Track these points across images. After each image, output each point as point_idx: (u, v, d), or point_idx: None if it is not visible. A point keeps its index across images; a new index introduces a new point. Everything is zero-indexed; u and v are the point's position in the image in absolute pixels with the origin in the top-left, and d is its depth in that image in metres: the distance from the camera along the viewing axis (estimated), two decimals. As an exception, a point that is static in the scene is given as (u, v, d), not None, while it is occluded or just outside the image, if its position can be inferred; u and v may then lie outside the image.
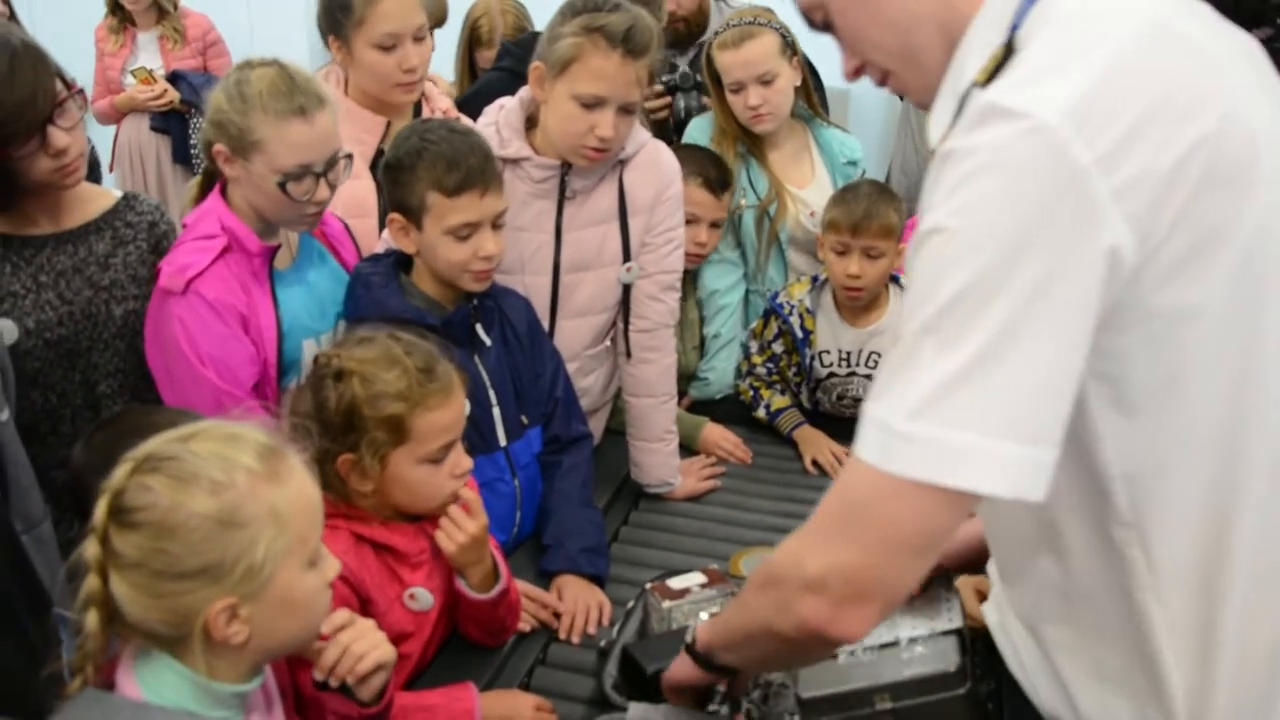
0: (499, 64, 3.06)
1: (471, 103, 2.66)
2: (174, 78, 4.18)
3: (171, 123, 4.21)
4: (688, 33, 3.16)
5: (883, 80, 1.17)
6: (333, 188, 1.89)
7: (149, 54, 4.28)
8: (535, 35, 2.27)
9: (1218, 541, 1.03)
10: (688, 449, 2.49)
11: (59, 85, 1.78)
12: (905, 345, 0.94)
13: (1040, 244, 0.89)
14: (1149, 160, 0.90)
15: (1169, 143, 0.91)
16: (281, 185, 1.82)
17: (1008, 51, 0.99)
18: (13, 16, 4.14)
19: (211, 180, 1.94)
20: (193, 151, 4.21)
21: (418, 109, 2.51)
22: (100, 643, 1.15)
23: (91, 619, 1.15)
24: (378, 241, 2.27)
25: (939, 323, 0.92)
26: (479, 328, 2.00)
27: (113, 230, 1.97)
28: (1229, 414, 0.99)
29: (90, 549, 1.14)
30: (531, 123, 2.18)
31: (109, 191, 2.06)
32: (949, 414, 0.91)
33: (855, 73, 1.19)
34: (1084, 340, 0.92)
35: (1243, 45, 1.09)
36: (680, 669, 1.40)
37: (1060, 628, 1.16)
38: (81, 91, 1.84)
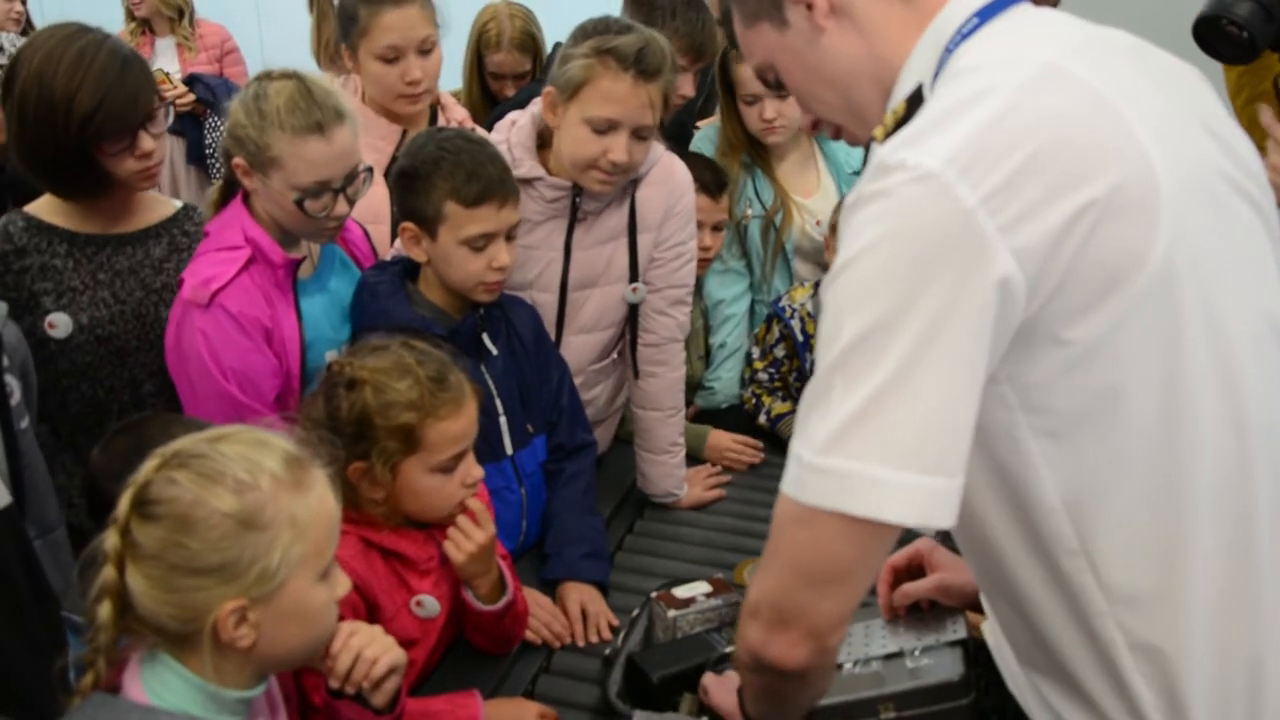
0: (550, 66, 3.06)
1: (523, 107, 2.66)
2: (191, 80, 4.22)
3: (186, 124, 4.24)
4: None
5: (837, 133, 1.22)
6: (351, 202, 1.89)
7: (167, 59, 4.35)
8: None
9: (1169, 561, 1.04)
10: (694, 458, 2.49)
11: (154, 96, 1.88)
12: (817, 383, 0.99)
13: (932, 282, 0.93)
14: (1035, 203, 0.94)
15: (1056, 188, 0.94)
16: (299, 202, 1.82)
17: (912, 105, 1.04)
18: (28, 20, 4.18)
19: (231, 188, 1.94)
20: (208, 153, 4.24)
21: (434, 118, 2.52)
22: (111, 636, 1.16)
23: (104, 610, 1.15)
24: (389, 248, 2.28)
25: (844, 361, 0.96)
26: (485, 337, 2.00)
27: (170, 237, 2.02)
28: (1161, 432, 1.01)
29: (110, 539, 1.15)
30: (542, 140, 2.16)
31: (170, 201, 2.12)
32: (854, 447, 0.95)
33: (813, 126, 1.24)
34: (981, 371, 0.96)
35: (1167, 76, 1.11)
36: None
37: (1035, 654, 1.17)
38: (172, 104, 1.92)
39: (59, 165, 1.84)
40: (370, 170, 1.92)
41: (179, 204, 2.10)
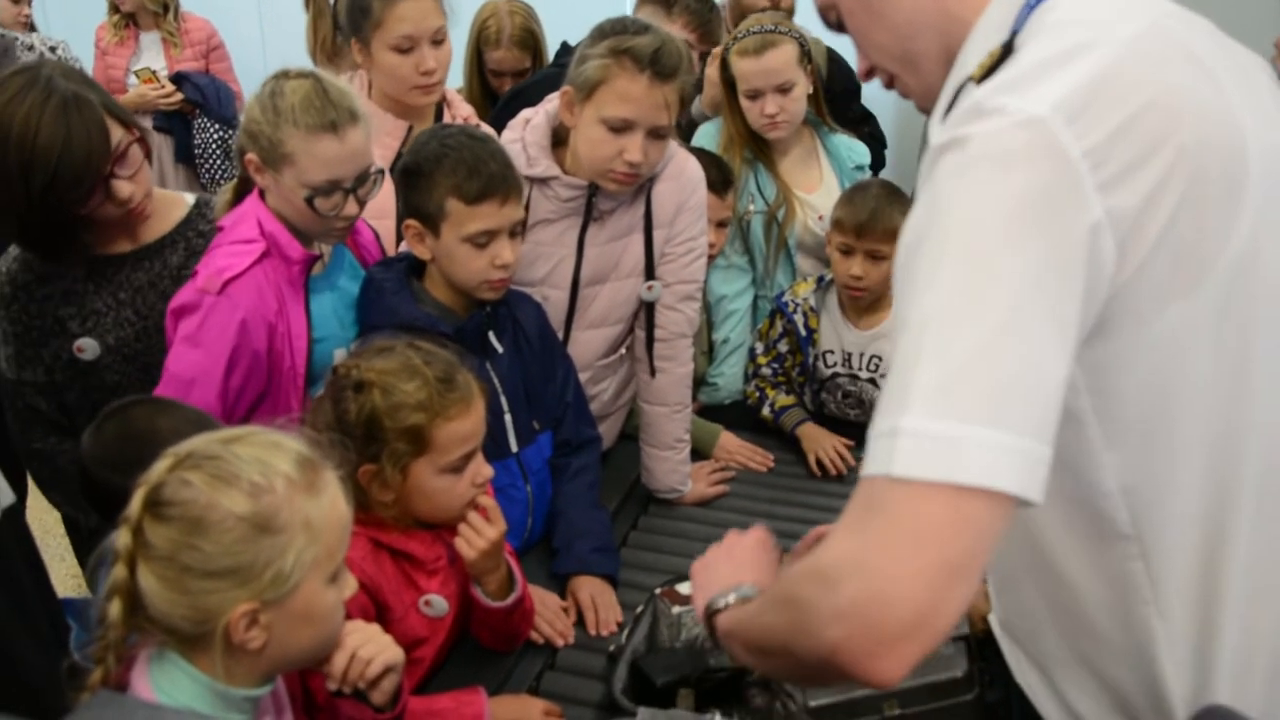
0: (559, 60, 3.08)
1: (524, 95, 2.67)
2: (178, 78, 4.20)
3: (174, 123, 4.22)
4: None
5: (890, 83, 1.19)
6: (362, 204, 1.89)
7: (153, 54, 4.30)
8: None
9: (1216, 552, 1.03)
10: (703, 455, 2.49)
11: (118, 133, 1.81)
12: (905, 345, 0.91)
13: (1031, 234, 0.89)
14: (1131, 164, 0.91)
15: (1154, 150, 0.91)
16: (309, 200, 1.82)
17: (1005, 52, 1.00)
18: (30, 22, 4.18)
19: (245, 187, 1.94)
20: (196, 152, 4.22)
21: (439, 115, 2.52)
22: (121, 633, 1.16)
23: (115, 608, 1.15)
24: (393, 245, 2.28)
25: (937, 316, 0.89)
26: (491, 335, 2.01)
27: (185, 241, 2.01)
28: (1222, 425, 1.00)
29: (122, 538, 1.15)
30: (557, 139, 2.16)
31: (182, 198, 2.09)
32: (956, 408, 0.86)
33: (867, 74, 1.21)
34: (1075, 330, 0.90)
35: (1246, 61, 1.10)
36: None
37: (1057, 643, 1.16)
38: (142, 138, 1.88)
39: (38, 236, 1.82)
40: (382, 172, 1.91)
41: (191, 201, 2.07)
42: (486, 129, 2.27)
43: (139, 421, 1.59)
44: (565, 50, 3.12)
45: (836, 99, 3.24)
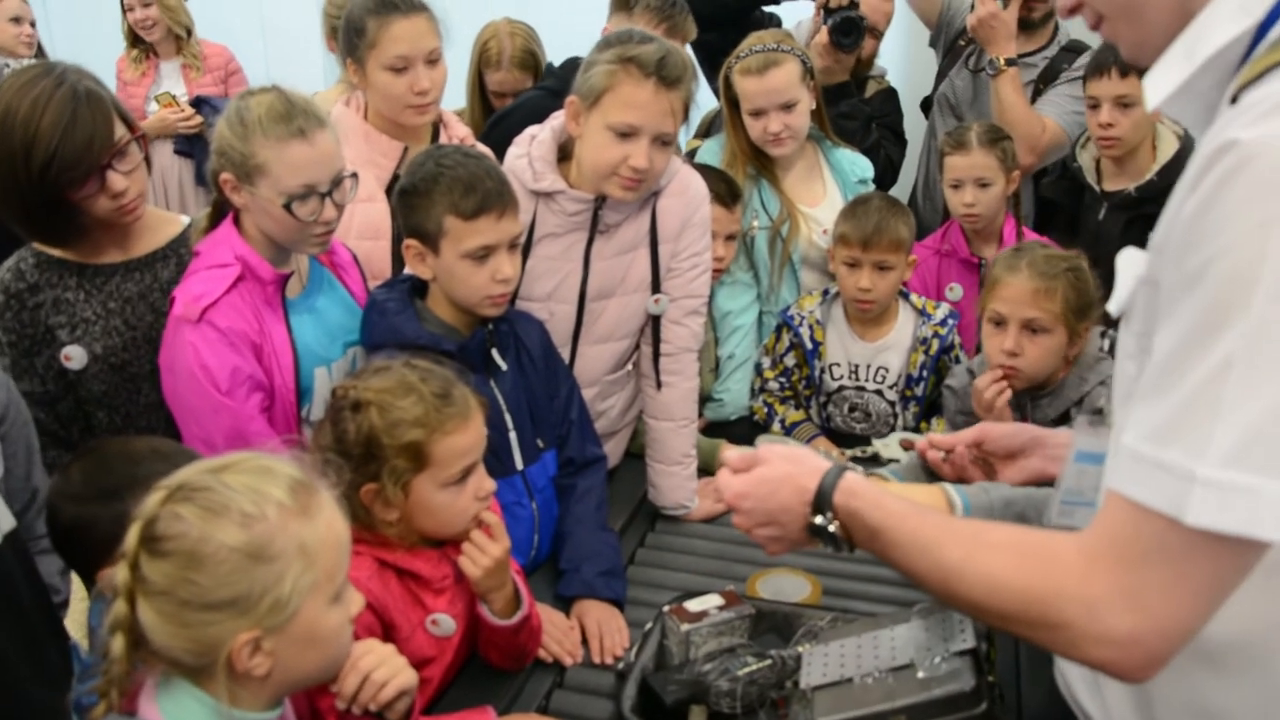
0: (541, 83, 3.09)
1: (509, 118, 2.67)
2: (198, 102, 4.24)
3: (195, 146, 4.26)
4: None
5: (1096, 24, 1.07)
6: (339, 208, 1.92)
7: (173, 82, 4.35)
8: (579, 60, 2.29)
9: None
10: (706, 471, 2.49)
11: (120, 130, 1.87)
12: (1208, 382, 0.86)
13: None
14: None
15: None
16: (287, 206, 1.84)
17: None
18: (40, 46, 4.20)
19: (221, 211, 1.97)
20: (215, 176, 4.26)
21: (436, 136, 2.54)
22: (125, 668, 1.16)
23: (117, 643, 1.15)
24: (388, 265, 2.29)
25: (1245, 358, 0.84)
26: (494, 352, 2.01)
27: (178, 258, 2.04)
28: None
29: (120, 574, 1.15)
30: (563, 154, 2.18)
31: (176, 218, 2.13)
32: (1260, 461, 0.84)
33: (1072, 10, 1.08)
34: None
35: None
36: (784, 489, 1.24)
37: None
38: (144, 136, 1.93)
39: (32, 215, 1.86)
40: (355, 176, 1.94)
41: (186, 220, 2.11)
42: (485, 150, 2.29)
43: (112, 447, 1.60)
44: (550, 72, 3.14)
45: (885, 129, 3.29)
